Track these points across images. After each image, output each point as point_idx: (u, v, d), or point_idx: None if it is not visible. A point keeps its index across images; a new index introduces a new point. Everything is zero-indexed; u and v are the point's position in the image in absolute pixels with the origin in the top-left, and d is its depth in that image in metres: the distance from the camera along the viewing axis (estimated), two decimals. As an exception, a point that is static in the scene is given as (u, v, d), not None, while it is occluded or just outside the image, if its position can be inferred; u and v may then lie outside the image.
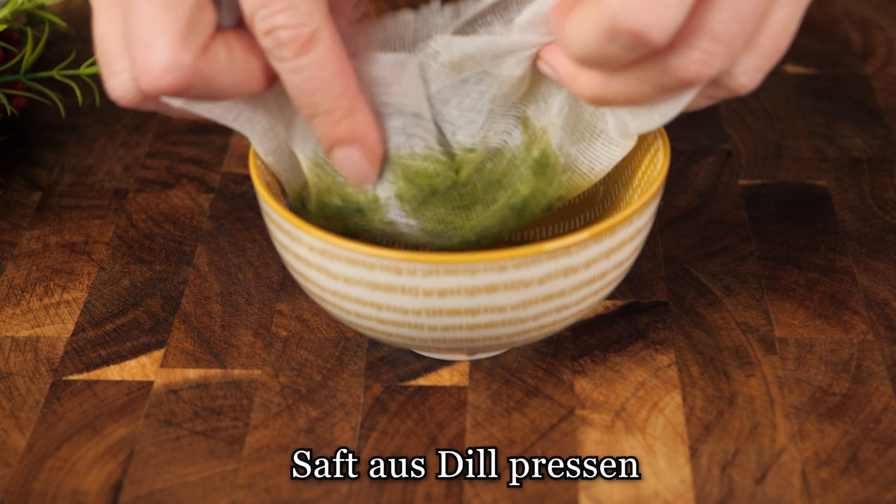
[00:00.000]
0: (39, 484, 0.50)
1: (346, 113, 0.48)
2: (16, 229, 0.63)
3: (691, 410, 0.53)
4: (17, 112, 0.67)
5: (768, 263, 0.60)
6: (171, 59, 0.45)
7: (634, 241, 0.51)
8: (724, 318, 0.57)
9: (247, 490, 0.50)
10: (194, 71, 0.45)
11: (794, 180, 0.65)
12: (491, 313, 0.49)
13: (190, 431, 0.52)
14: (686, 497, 0.49)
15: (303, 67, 0.46)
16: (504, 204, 0.52)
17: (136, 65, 0.45)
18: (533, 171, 0.52)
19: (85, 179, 0.67)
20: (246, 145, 0.69)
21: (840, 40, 0.77)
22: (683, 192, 0.65)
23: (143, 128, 0.71)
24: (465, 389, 0.54)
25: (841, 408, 0.53)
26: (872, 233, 0.62)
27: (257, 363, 0.55)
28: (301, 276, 0.51)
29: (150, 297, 0.59)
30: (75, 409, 0.53)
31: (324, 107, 0.47)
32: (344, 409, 0.53)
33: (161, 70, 0.45)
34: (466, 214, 0.52)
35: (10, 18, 0.67)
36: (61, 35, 0.78)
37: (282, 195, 0.53)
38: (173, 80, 0.45)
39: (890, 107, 0.71)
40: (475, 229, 0.52)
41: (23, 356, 0.56)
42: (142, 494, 0.50)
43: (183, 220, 0.64)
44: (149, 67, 0.45)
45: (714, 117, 0.70)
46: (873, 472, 0.50)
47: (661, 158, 0.52)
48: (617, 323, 0.57)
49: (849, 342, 0.56)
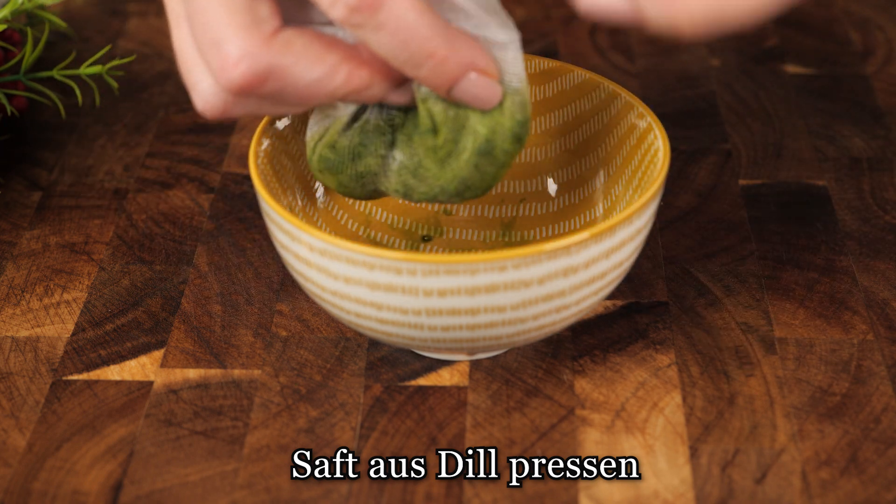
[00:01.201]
0: (39, 484, 0.50)
1: (447, 48, 0.46)
2: (16, 229, 0.63)
3: (691, 410, 0.53)
4: (17, 112, 0.67)
5: (768, 263, 0.60)
6: (241, 48, 0.45)
7: (634, 241, 0.51)
8: (724, 318, 0.57)
9: (247, 490, 0.50)
10: (267, 59, 0.45)
11: (794, 180, 0.65)
12: (491, 313, 0.49)
13: (190, 431, 0.52)
14: (686, 497, 0.49)
15: (383, 23, 0.45)
16: (472, 150, 0.50)
17: (211, 66, 0.46)
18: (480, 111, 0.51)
19: (85, 179, 0.67)
20: (246, 145, 0.69)
21: (840, 40, 0.77)
22: (683, 192, 0.65)
23: (143, 128, 0.71)
24: (465, 389, 0.54)
25: (841, 408, 0.53)
26: (872, 233, 0.62)
27: (257, 363, 0.55)
28: (301, 276, 0.51)
29: (150, 297, 0.59)
30: (75, 409, 0.53)
31: (423, 53, 0.46)
32: (344, 409, 0.53)
33: (234, 61, 0.45)
34: (442, 166, 0.51)
35: (10, 18, 0.67)
36: (61, 35, 0.78)
37: (284, 194, 0.53)
38: (247, 69, 0.45)
39: (890, 107, 0.71)
40: (454, 181, 0.51)
41: (23, 356, 0.56)
42: (142, 494, 0.50)
43: (183, 220, 0.64)
44: (223, 64, 0.45)
45: (714, 117, 0.70)
46: (873, 472, 0.50)
47: (661, 158, 0.52)
48: (617, 323, 0.57)
49: (849, 342, 0.56)
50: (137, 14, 0.81)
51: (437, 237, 0.60)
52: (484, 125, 0.49)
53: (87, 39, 0.78)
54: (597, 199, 0.58)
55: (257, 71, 0.45)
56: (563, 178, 0.60)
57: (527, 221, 0.60)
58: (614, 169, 0.57)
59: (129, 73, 0.75)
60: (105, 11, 0.81)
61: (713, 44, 0.76)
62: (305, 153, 0.58)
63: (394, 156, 0.51)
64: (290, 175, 0.56)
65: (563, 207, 0.59)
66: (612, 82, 0.57)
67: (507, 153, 0.50)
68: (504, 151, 0.50)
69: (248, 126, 0.70)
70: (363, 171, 0.52)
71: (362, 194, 0.53)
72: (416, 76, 0.47)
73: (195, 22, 0.46)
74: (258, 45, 0.45)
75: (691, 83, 0.73)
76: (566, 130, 0.59)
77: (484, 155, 0.50)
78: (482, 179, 0.50)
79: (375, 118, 0.51)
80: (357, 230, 0.59)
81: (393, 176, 0.51)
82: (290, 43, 0.46)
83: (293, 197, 0.56)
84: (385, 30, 0.45)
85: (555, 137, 0.60)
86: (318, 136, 0.52)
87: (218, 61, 0.46)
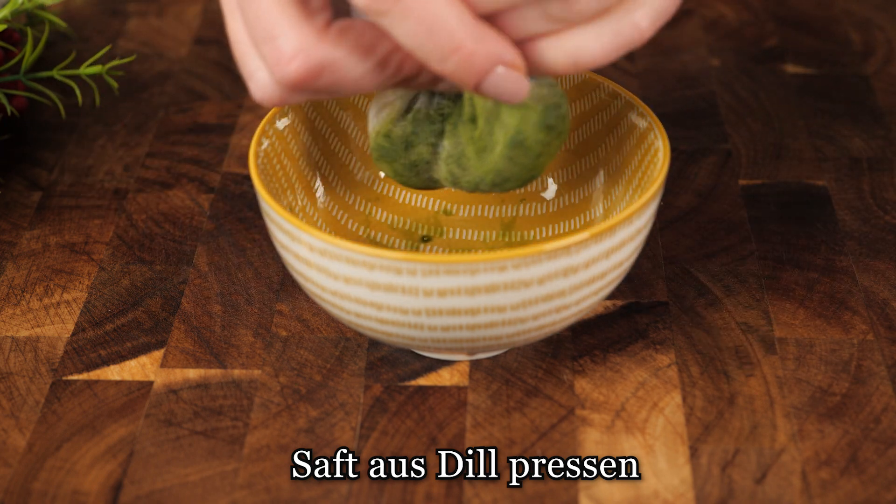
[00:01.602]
0: (39, 484, 0.50)
1: (475, 42, 0.45)
2: (16, 229, 0.63)
3: (691, 410, 0.53)
4: (17, 112, 0.67)
5: (768, 263, 0.60)
6: (295, 43, 0.45)
7: (634, 241, 0.51)
8: (724, 318, 0.57)
9: (247, 490, 0.50)
10: (321, 53, 0.45)
11: (794, 180, 0.65)
12: (491, 313, 0.49)
13: (190, 431, 0.52)
14: (686, 497, 0.49)
15: (407, 10, 0.43)
16: (504, 143, 0.50)
17: (267, 60, 0.45)
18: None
19: (85, 179, 0.67)
20: (246, 145, 0.69)
21: (840, 40, 0.77)
22: (683, 192, 0.65)
23: (143, 128, 0.71)
24: (465, 389, 0.54)
25: (841, 408, 0.53)
26: (872, 233, 0.62)
27: (257, 363, 0.55)
28: (301, 276, 0.51)
29: (150, 297, 0.59)
30: (75, 409, 0.54)
31: (449, 45, 0.44)
32: (344, 409, 0.53)
33: (289, 57, 0.45)
34: (480, 157, 0.51)
35: (10, 18, 0.67)
36: (61, 35, 0.78)
37: (285, 194, 0.53)
38: (302, 64, 0.45)
39: (890, 107, 0.71)
40: (491, 172, 0.51)
41: (23, 356, 0.56)
42: (142, 494, 0.50)
43: (183, 220, 0.64)
44: (278, 58, 0.45)
45: (714, 117, 0.70)
46: (873, 472, 0.50)
47: (661, 158, 0.52)
48: (617, 323, 0.57)
49: (849, 342, 0.56)
50: (137, 14, 0.81)
51: (437, 237, 0.60)
52: (513, 116, 0.49)
53: (87, 39, 0.78)
54: (597, 199, 0.58)
55: (312, 66, 0.45)
56: (562, 178, 0.60)
57: (527, 221, 0.60)
58: (614, 169, 0.57)
59: (129, 73, 0.75)
60: (105, 11, 0.81)
61: (713, 44, 0.76)
62: (308, 153, 0.58)
63: (443, 144, 0.52)
64: (290, 175, 0.56)
65: (563, 207, 0.59)
66: (612, 82, 0.57)
67: (542, 143, 0.49)
68: (538, 142, 0.49)
69: (248, 126, 0.70)
70: (416, 159, 0.52)
71: (418, 183, 0.53)
72: (441, 70, 0.45)
73: (248, 14, 0.45)
74: (312, 40, 0.45)
75: (691, 83, 0.73)
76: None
77: (516, 146, 0.49)
78: (521, 170, 0.50)
79: (426, 107, 0.51)
80: (357, 230, 0.59)
81: (442, 164, 0.52)
82: (342, 35, 0.45)
83: (293, 197, 0.56)
84: (410, 18, 0.43)
85: (555, 137, 0.60)
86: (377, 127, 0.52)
87: (272, 56, 0.45)
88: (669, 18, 0.44)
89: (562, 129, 0.49)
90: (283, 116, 0.56)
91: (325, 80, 0.46)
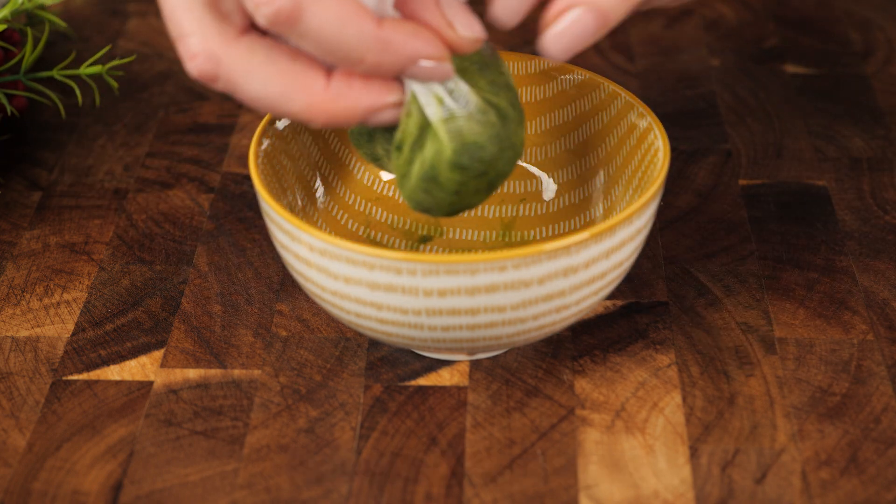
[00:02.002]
0: (39, 484, 0.50)
1: (378, 53, 0.45)
2: (16, 229, 0.63)
3: (691, 410, 0.53)
4: (17, 112, 0.67)
5: (768, 263, 0.60)
6: (199, 44, 0.45)
7: (634, 241, 0.51)
8: (724, 318, 0.57)
9: (247, 490, 0.50)
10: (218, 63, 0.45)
11: (794, 180, 0.65)
12: (491, 313, 0.49)
13: (190, 431, 0.52)
14: (686, 497, 0.49)
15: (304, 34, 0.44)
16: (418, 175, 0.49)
17: (180, 54, 0.46)
18: (479, 73, 0.49)
19: (85, 179, 0.67)
20: (246, 145, 0.69)
21: (840, 40, 0.77)
22: (683, 192, 0.65)
23: (143, 128, 0.71)
24: (465, 389, 0.54)
25: (841, 408, 0.53)
26: (872, 233, 0.62)
27: (257, 363, 0.55)
28: (301, 276, 0.51)
29: (150, 297, 0.59)
30: (75, 409, 0.54)
31: (352, 59, 0.45)
32: (344, 409, 0.53)
33: (190, 56, 0.45)
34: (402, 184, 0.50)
35: (10, 18, 0.67)
36: (61, 35, 0.78)
37: (284, 193, 0.53)
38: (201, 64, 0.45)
39: (890, 107, 0.71)
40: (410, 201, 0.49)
41: (23, 356, 0.56)
42: (142, 494, 0.50)
43: (183, 220, 0.64)
44: (184, 55, 0.46)
45: (714, 117, 0.70)
46: (873, 472, 0.50)
47: (661, 158, 0.52)
48: (617, 323, 0.57)
49: (849, 342, 0.56)
50: (137, 14, 0.81)
51: (437, 237, 0.60)
52: (430, 150, 0.48)
53: (87, 39, 0.78)
54: (597, 199, 0.58)
55: (209, 69, 0.45)
56: (562, 178, 0.60)
57: (527, 221, 0.60)
58: (614, 169, 0.57)
59: (129, 73, 0.75)
60: (105, 11, 0.81)
61: (713, 44, 0.76)
62: (308, 153, 0.58)
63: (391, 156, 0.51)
64: (290, 175, 0.56)
65: (563, 207, 0.59)
66: (612, 82, 0.57)
67: (455, 182, 0.48)
68: (450, 180, 0.48)
69: (248, 126, 0.70)
70: (377, 153, 0.51)
71: (390, 169, 0.52)
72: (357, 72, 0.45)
73: (164, 10, 0.46)
74: (216, 43, 0.45)
75: (691, 83, 0.73)
76: (566, 130, 0.59)
77: (429, 181, 0.48)
78: (440, 203, 0.49)
79: None
80: (357, 230, 0.59)
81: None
82: (251, 51, 0.45)
83: (293, 197, 0.56)
84: (308, 39, 0.44)
85: (555, 137, 0.60)
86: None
87: (182, 51, 0.46)
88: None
89: (481, 170, 0.48)
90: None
91: (221, 88, 0.46)
